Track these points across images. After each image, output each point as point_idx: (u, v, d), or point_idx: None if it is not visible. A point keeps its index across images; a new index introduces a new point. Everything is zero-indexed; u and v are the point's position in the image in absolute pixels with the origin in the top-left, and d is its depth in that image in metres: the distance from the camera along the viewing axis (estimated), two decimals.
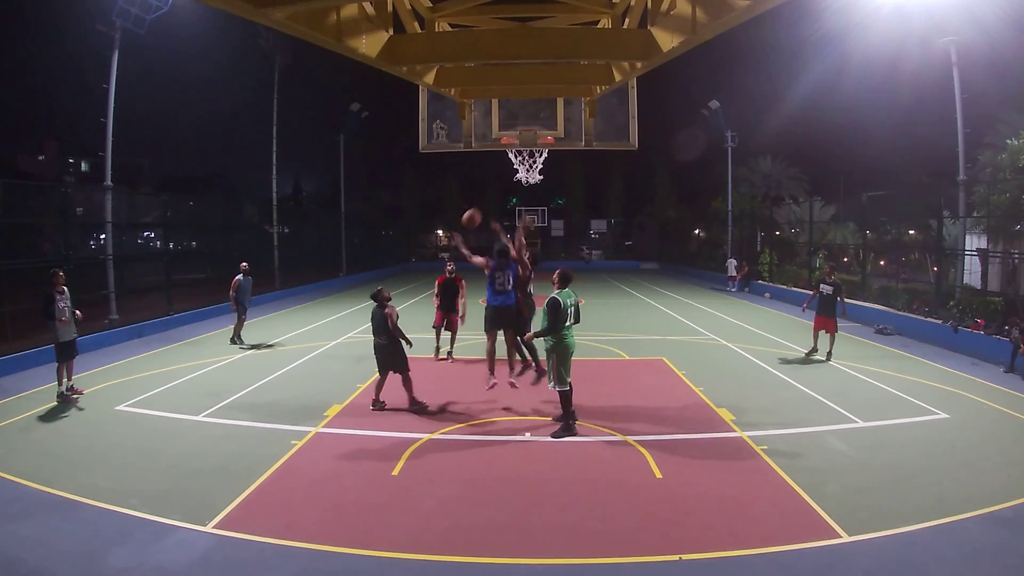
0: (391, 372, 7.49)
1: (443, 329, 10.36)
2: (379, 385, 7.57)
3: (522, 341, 7.38)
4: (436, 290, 10.50)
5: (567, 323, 6.46)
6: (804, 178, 31.89)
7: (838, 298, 10.27)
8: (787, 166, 32.01)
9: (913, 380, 8.86)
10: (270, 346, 11.69)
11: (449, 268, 10.46)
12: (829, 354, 10.26)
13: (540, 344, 7.01)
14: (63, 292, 8.08)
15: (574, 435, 6.48)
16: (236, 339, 11.76)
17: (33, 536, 4.47)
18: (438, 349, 10.44)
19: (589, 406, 7.55)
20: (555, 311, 6.37)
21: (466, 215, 7.44)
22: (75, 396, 8.00)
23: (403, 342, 7.45)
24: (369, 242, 33.09)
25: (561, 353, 6.46)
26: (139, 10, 12.70)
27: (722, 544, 4.33)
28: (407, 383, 7.48)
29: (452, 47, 6.70)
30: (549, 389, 6.71)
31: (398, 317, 7.48)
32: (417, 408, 7.40)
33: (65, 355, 7.93)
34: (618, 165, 42.94)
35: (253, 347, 11.47)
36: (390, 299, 7.55)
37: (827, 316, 10.32)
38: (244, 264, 11.95)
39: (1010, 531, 4.52)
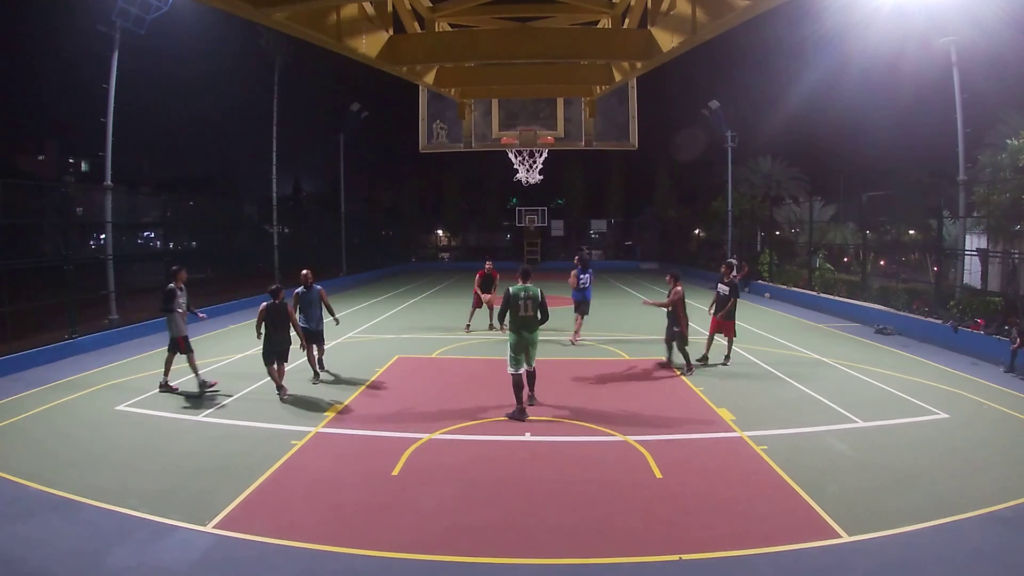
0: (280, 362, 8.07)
1: (480, 307, 12.98)
2: (279, 375, 8.02)
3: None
4: (478, 281, 12.98)
5: (520, 313, 7.22)
6: (804, 178, 31.86)
7: (732, 300, 9.71)
8: (787, 166, 31.98)
9: (913, 380, 8.86)
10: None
11: (488, 266, 13.07)
12: (727, 358, 9.90)
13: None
14: (183, 289, 8.50)
15: (524, 420, 7.01)
16: (317, 373, 8.93)
17: (33, 536, 4.47)
18: (468, 326, 13.09)
19: (589, 406, 7.56)
20: (504, 300, 7.33)
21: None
22: (212, 386, 8.31)
23: (298, 336, 8.33)
24: (369, 242, 33.07)
25: (513, 340, 7.22)
26: (139, 10, 12.69)
27: (722, 544, 4.33)
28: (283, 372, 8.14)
29: (452, 47, 6.69)
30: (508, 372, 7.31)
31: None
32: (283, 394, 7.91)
33: (183, 348, 8.26)
34: (618, 165, 42.87)
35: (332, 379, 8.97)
36: None
37: (724, 318, 9.75)
38: (305, 272, 9.09)
39: (1010, 531, 4.52)
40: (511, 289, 7.33)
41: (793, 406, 7.65)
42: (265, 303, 7.99)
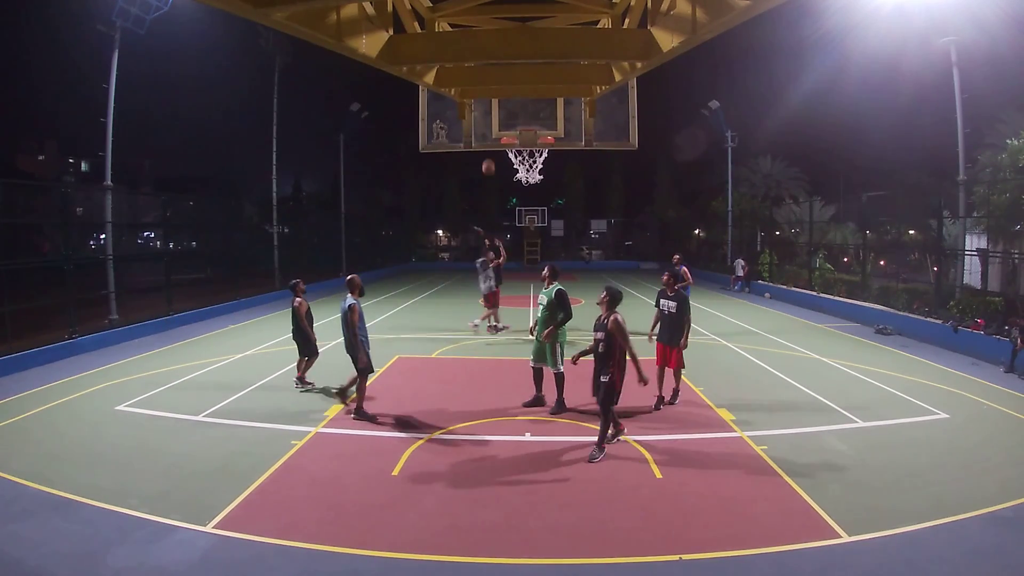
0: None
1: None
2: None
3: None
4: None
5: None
6: (804, 178, 31.89)
7: (684, 318, 7.47)
8: (787, 166, 31.99)
9: (913, 380, 8.86)
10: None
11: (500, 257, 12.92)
12: (675, 392, 7.67)
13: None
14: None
15: (566, 410, 7.30)
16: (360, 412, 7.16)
17: (33, 536, 4.46)
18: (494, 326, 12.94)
19: (589, 406, 7.55)
20: (566, 298, 7.27)
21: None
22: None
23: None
24: (369, 242, 33.08)
25: (562, 340, 7.35)
26: (139, 10, 12.71)
27: (722, 544, 4.33)
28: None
29: (452, 47, 6.70)
30: (554, 372, 7.35)
31: (303, 310, 8.41)
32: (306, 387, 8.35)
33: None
34: (618, 165, 42.90)
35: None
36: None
37: (669, 343, 7.49)
38: (352, 277, 7.41)
39: (1010, 531, 4.52)
40: (564, 289, 7.36)
41: (793, 406, 7.65)
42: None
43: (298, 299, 8.36)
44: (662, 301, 7.64)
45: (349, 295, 7.13)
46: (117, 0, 12.43)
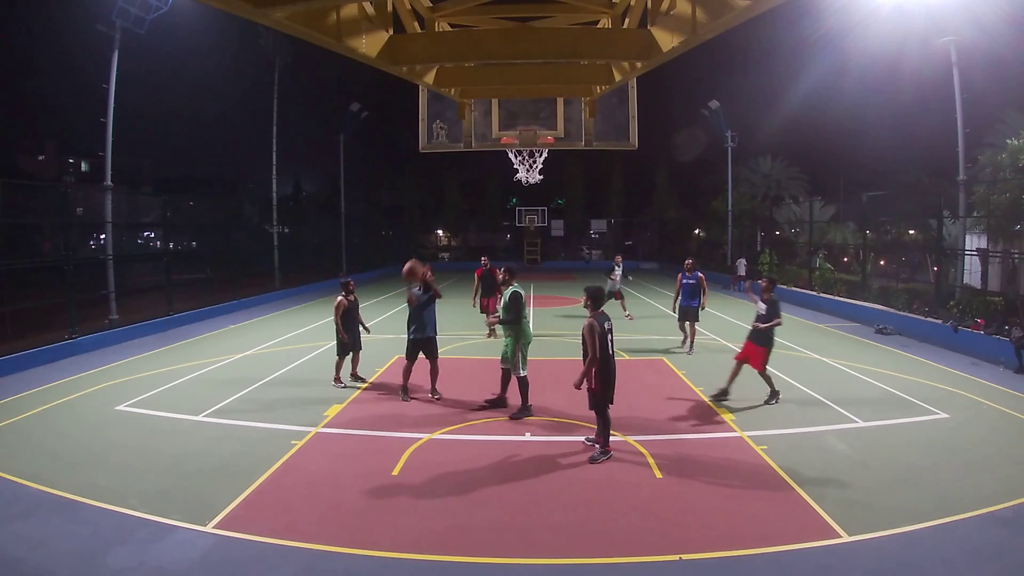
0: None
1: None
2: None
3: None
4: (477, 282, 12.57)
5: (524, 312, 7.35)
6: (804, 178, 31.91)
7: (774, 319, 7.84)
8: (787, 166, 32.02)
9: (913, 380, 8.86)
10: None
11: (484, 261, 12.63)
12: (773, 393, 7.82)
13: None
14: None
15: (531, 416, 7.14)
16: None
17: (33, 536, 4.47)
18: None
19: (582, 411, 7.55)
20: (519, 302, 7.19)
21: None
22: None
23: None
24: (369, 242, 33.09)
25: (525, 342, 7.27)
26: (139, 10, 12.72)
27: (722, 544, 4.33)
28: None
29: (452, 47, 6.69)
30: (518, 376, 7.22)
31: (339, 309, 8.67)
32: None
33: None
34: (618, 165, 42.90)
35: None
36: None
37: (758, 343, 7.90)
38: (426, 272, 8.05)
39: (1010, 531, 4.52)
40: (520, 291, 7.30)
41: (793, 406, 7.65)
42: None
43: (339, 296, 8.72)
44: (759, 303, 8.29)
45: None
46: (117, 0, 12.44)
